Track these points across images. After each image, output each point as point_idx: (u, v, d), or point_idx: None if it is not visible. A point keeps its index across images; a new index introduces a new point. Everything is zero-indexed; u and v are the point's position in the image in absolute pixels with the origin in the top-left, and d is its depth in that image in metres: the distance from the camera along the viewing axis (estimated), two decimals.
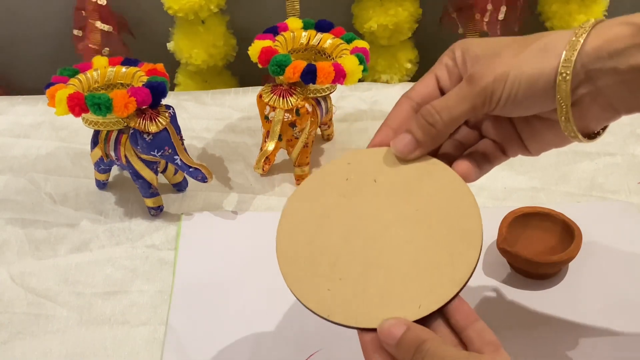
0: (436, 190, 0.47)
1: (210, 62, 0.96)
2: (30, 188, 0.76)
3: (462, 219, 0.45)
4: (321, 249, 0.47)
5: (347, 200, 0.49)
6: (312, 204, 0.49)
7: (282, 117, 0.71)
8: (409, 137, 0.47)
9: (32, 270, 0.66)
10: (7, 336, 0.60)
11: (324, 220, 0.48)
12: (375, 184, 0.48)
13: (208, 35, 0.95)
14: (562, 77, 0.42)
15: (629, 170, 0.77)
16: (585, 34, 0.42)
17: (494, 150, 0.50)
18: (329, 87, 0.74)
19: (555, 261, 0.61)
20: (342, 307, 0.45)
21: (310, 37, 0.76)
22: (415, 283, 0.44)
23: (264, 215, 0.72)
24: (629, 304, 0.62)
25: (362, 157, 0.49)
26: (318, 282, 0.46)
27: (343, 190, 0.49)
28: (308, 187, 0.51)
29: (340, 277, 0.46)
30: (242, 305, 0.63)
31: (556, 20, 0.96)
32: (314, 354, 0.59)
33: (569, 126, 0.44)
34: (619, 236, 0.68)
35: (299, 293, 0.46)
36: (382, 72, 0.98)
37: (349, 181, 0.49)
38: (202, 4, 0.91)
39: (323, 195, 0.49)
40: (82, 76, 0.70)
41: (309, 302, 0.45)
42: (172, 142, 0.66)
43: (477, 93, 0.44)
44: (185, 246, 0.69)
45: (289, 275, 0.47)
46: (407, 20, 0.95)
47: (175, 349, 0.59)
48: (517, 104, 0.44)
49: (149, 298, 0.64)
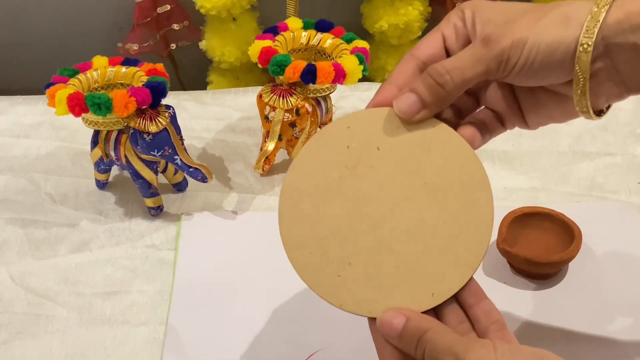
0: (444, 160, 0.44)
1: (243, 58, 0.96)
2: (30, 188, 0.76)
3: (472, 194, 0.43)
4: (327, 230, 0.45)
5: (350, 172, 0.46)
6: (314, 177, 0.46)
7: (282, 117, 0.71)
8: (414, 97, 0.44)
9: (32, 270, 0.66)
10: (7, 336, 0.60)
11: (328, 196, 0.46)
12: (378, 152, 0.45)
13: (239, 32, 0.94)
14: (583, 48, 0.40)
15: (629, 170, 0.77)
16: (607, 6, 0.41)
17: (492, 120, 0.47)
18: (329, 87, 0.74)
19: (556, 261, 0.61)
20: (354, 295, 0.43)
21: (310, 37, 0.76)
22: (427, 268, 0.43)
23: (264, 215, 0.72)
24: (629, 303, 0.62)
25: (362, 120, 0.46)
26: (327, 267, 0.44)
27: (345, 161, 0.46)
28: (308, 156, 0.47)
29: (350, 261, 0.44)
30: (242, 305, 0.63)
31: None
32: (314, 354, 0.59)
33: (583, 100, 0.43)
34: (619, 236, 0.68)
35: (309, 280, 0.44)
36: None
37: (350, 149, 0.46)
38: (235, 1, 0.91)
39: (325, 167, 0.46)
40: (82, 76, 0.70)
41: (320, 291, 0.44)
42: (172, 142, 0.66)
43: (494, 56, 0.42)
44: (185, 246, 0.69)
45: (297, 261, 0.45)
46: (417, 19, 0.95)
47: (175, 349, 0.59)
48: (532, 73, 0.42)
49: (149, 298, 0.64)
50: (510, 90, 0.47)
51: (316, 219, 0.45)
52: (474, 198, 0.43)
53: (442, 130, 0.44)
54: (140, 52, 0.96)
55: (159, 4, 0.95)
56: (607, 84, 0.42)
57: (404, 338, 0.41)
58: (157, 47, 0.97)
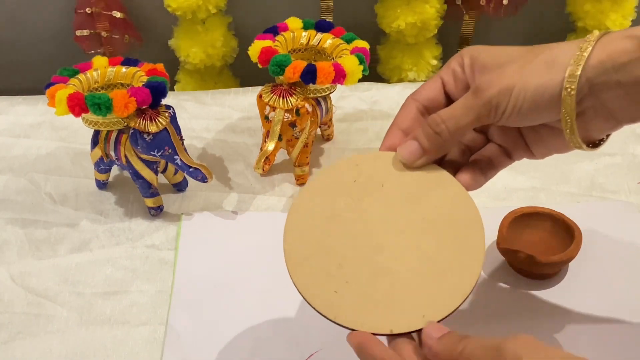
0: (442, 201, 0.48)
1: (207, 62, 0.97)
2: (30, 188, 0.76)
3: (467, 231, 0.46)
4: (329, 249, 0.48)
5: (355, 202, 0.49)
6: (321, 203, 0.50)
7: (282, 117, 0.71)
8: (415, 145, 0.48)
9: (32, 270, 0.66)
10: (7, 336, 0.60)
11: (332, 221, 0.49)
12: (382, 188, 0.49)
13: (207, 36, 0.95)
14: (567, 92, 0.43)
15: (629, 170, 0.77)
16: (590, 48, 0.43)
17: (499, 155, 0.51)
18: (329, 87, 0.74)
19: (555, 261, 0.61)
20: (349, 310, 0.45)
21: (310, 37, 0.76)
22: (420, 292, 0.45)
23: (264, 215, 0.72)
24: (629, 303, 0.62)
25: (370, 161, 0.50)
26: (325, 283, 0.46)
27: (351, 192, 0.50)
28: (317, 184, 0.51)
29: (347, 280, 0.46)
30: (242, 305, 0.63)
31: (589, 20, 0.96)
32: (314, 354, 0.59)
33: (573, 138, 0.45)
34: (619, 236, 0.68)
35: (306, 293, 0.46)
36: (409, 70, 0.98)
37: (357, 183, 0.50)
38: (200, 4, 0.91)
39: (332, 195, 0.50)
40: (82, 76, 0.70)
41: (316, 303, 0.46)
42: (172, 142, 0.66)
43: (483, 104, 0.45)
44: (185, 246, 0.69)
45: (297, 274, 0.47)
46: (433, 17, 0.95)
47: (175, 349, 0.59)
48: (521, 116, 0.45)
49: (149, 298, 0.64)
50: (513, 127, 0.49)
51: (319, 240, 0.48)
52: (467, 234, 0.47)
53: (441, 176, 0.49)
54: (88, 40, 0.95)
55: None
56: (596, 120, 0.45)
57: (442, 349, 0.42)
58: (92, 41, 0.96)
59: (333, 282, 0.46)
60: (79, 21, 0.94)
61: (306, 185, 0.53)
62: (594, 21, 0.96)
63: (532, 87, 0.44)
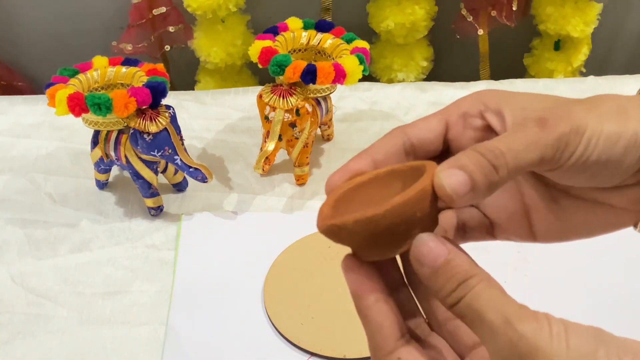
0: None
1: (228, 60, 0.97)
2: (30, 188, 0.76)
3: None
4: (300, 294, 0.62)
5: (327, 262, 0.65)
6: (298, 259, 0.65)
7: (282, 117, 0.71)
8: (464, 176, 0.33)
9: (32, 270, 0.66)
10: (7, 336, 0.60)
11: (306, 274, 0.64)
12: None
13: (227, 34, 0.95)
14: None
15: None
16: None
17: (479, 227, 0.41)
18: (329, 87, 0.74)
19: (398, 205, 0.33)
20: (310, 338, 0.59)
21: (310, 37, 0.76)
22: None
23: (264, 215, 0.72)
24: (628, 303, 0.62)
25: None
26: (294, 317, 0.60)
27: (325, 254, 0.65)
28: (299, 245, 0.67)
29: (313, 316, 0.61)
30: (242, 305, 0.63)
31: (550, 24, 0.96)
32: (314, 354, 0.59)
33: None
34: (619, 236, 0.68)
35: (277, 323, 0.60)
36: (399, 71, 0.98)
37: (330, 248, 0.64)
38: (221, 3, 0.91)
39: (308, 255, 0.65)
40: (82, 76, 0.70)
41: (284, 331, 0.59)
42: (172, 142, 0.66)
43: (552, 141, 0.34)
44: (185, 246, 0.69)
45: (271, 309, 0.61)
46: (423, 19, 0.95)
47: (175, 349, 0.59)
48: (586, 167, 0.36)
49: (149, 298, 0.64)
50: (520, 196, 0.41)
51: (293, 286, 0.63)
52: None
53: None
54: (134, 52, 0.96)
55: (155, 6, 0.95)
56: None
57: (441, 276, 0.33)
58: (151, 49, 0.97)
59: (300, 317, 0.60)
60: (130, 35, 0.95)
61: (290, 245, 0.66)
62: (556, 25, 0.96)
63: (607, 132, 0.35)
